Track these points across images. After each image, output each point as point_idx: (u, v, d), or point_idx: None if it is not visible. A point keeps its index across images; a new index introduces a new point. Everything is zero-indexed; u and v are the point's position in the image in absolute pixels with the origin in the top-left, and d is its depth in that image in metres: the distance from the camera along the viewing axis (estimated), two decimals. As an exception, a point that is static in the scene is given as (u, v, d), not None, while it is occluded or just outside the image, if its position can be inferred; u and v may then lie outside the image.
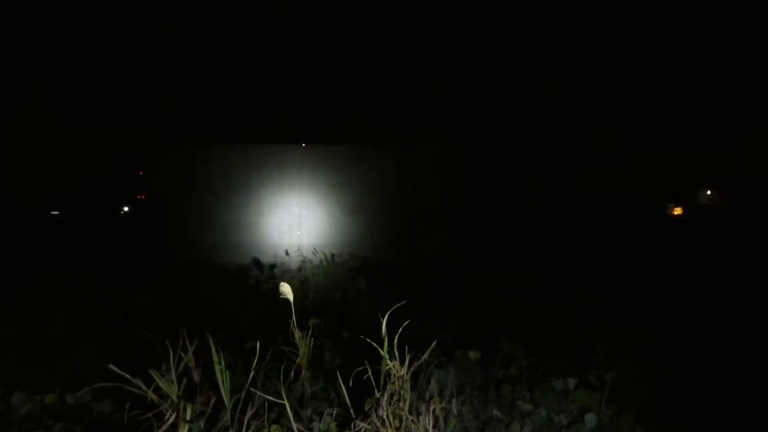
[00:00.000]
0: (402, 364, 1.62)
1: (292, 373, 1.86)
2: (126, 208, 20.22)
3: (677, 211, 22.13)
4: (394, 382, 1.59)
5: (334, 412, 1.66)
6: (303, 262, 5.99)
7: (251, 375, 1.58)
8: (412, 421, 1.55)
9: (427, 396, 1.66)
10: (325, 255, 6.15)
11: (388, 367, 1.61)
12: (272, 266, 5.81)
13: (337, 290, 4.39)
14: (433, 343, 1.76)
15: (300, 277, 5.08)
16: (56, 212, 18.72)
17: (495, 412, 1.93)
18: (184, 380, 1.52)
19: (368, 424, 1.54)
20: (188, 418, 1.46)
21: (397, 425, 1.54)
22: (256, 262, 6.09)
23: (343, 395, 1.62)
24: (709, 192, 25.34)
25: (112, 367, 1.43)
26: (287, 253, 6.57)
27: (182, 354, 1.62)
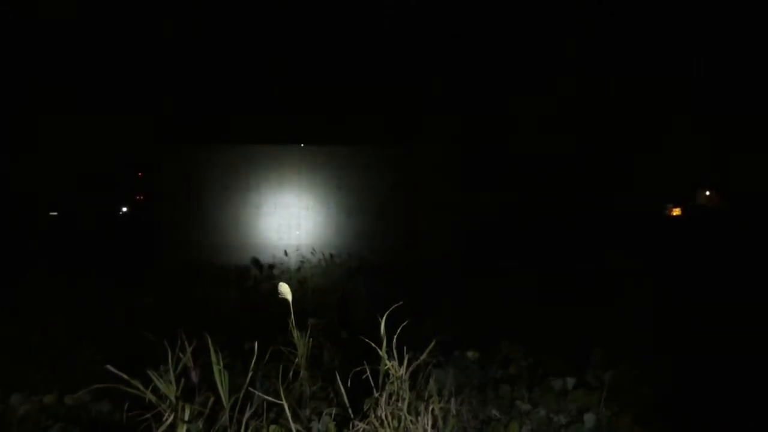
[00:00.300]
0: (401, 364, 1.62)
1: (290, 374, 1.86)
2: (125, 209, 20.21)
3: (676, 211, 22.17)
4: (392, 382, 1.59)
5: (333, 412, 1.66)
6: (302, 262, 6.00)
7: (250, 375, 1.58)
8: (411, 421, 1.55)
9: (426, 396, 1.66)
10: (324, 255, 6.16)
11: (386, 367, 1.61)
12: (271, 266, 5.82)
13: (336, 290, 4.40)
14: (432, 343, 1.76)
15: (299, 278, 5.09)
16: (54, 213, 18.69)
17: (494, 412, 1.94)
18: (183, 381, 1.52)
19: (367, 424, 1.54)
20: (186, 418, 1.46)
21: (396, 425, 1.54)
22: (255, 263, 6.09)
23: (342, 395, 1.62)
24: (708, 192, 25.36)
25: (110, 368, 1.43)
26: (286, 254, 6.57)
27: (181, 354, 1.62)
